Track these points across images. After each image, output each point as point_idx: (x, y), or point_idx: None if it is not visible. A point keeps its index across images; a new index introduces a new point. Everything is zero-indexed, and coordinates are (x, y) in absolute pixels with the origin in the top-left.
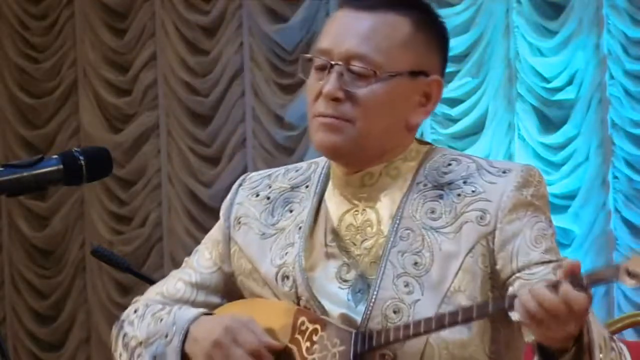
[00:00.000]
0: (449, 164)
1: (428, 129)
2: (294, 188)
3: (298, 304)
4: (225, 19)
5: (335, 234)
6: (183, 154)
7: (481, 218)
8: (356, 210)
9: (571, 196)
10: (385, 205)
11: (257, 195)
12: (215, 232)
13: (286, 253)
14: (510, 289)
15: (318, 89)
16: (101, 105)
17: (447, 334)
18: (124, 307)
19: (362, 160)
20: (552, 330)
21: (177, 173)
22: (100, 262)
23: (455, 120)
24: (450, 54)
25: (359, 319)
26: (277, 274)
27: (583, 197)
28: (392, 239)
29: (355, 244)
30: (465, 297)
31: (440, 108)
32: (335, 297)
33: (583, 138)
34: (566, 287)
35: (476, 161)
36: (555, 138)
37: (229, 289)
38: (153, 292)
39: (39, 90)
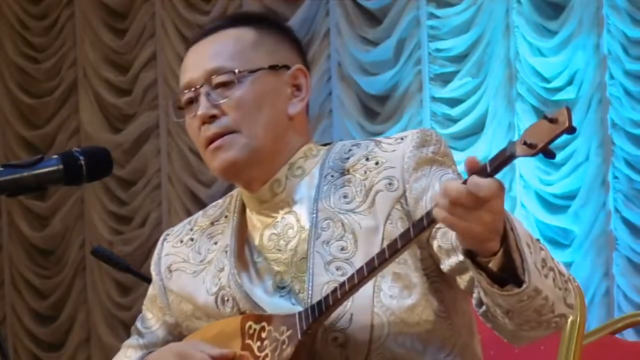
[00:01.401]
0: (350, 149)
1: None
2: (213, 223)
3: None
4: None
5: (260, 248)
6: (183, 154)
7: (389, 184)
8: (276, 221)
9: (571, 196)
10: (301, 204)
11: (182, 242)
12: (151, 290)
13: (219, 278)
14: (435, 243)
15: (195, 121)
16: (101, 105)
17: (390, 301)
18: (124, 307)
19: (263, 168)
20: (467, 221)
21: (177, 173)
22: (100, 262)
23: (455, 120)
24: (450, 54)
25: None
26: (215, 300)
27: (583, 197)
28: (313, 232)
29: (280, 250)
30: (395, 264)
31: (440, 108)
32: (280, 307)
33: (583, 138)
34: (472, 177)
35: (374, 139)
36: None
37: (178, 339)
38: None
39: (39, 90)
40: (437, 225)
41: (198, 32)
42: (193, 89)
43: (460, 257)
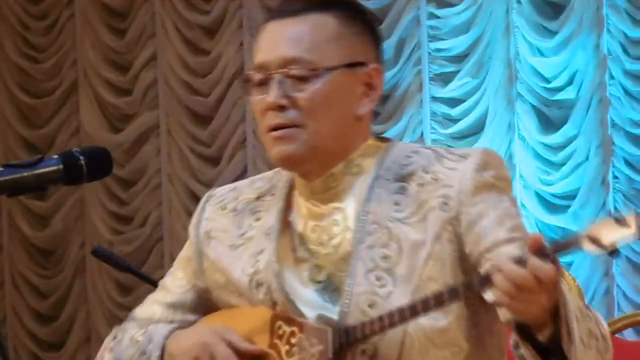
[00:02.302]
0: (409, 156)
1: (428, 129)
2: (259, 197)
3: (274, 309)
4: (225, 19)
5: (302, 238)
6: (183, 154)
7: (444, 204)
8: (323, 213)
9: (571, 196)
10: (351, 203)
11: (224, 209)
12: (186, 250)
13: (257, 260)
14: (482, 272)
15: (263, 104)
16: (101, 105)
17: (425, 321)
18: (124, 307)
19: (321, 163)
20: (526, 304)
21: (177, 173)
22: (100, 262)
23: (455, 120)
24: (450, 54)
25: (336, 317)
26: (250, 282)
27: (583, 197)
28: (359, 235)
29: (322, 244)
30: (437, 284)
31: (440, 108)
32: (311, 301)
33: (583, 138)
34: (533, 260)
35: (435, 150)
36: (555, 138)
37: (205, 305)
38: (131, 318)
39: (39, 90)
40: (487, 255)
41: (278, 9)
42: (266, 72)
43: None
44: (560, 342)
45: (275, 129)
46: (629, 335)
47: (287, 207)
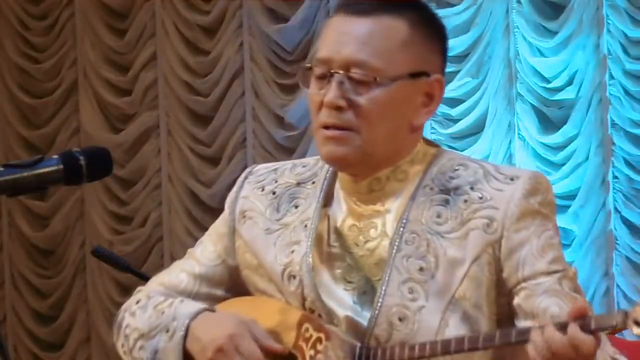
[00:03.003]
0: (456, 169)
1: (428, 129)
2: (300, 184)
3: (303, 304)
4: (225, 19)
5: (338, 234)
6: (183, 154)
7: (488, 226)
8: (361, 213)
9: (571, 196)
10: (391, 208)
11: (263, 190)
12: (220, 224)
13: (292, 251)
14: (516, 299)
15: (320, 99)
16: (101, 105)
17: (456, 356)
18: None
19: (370, 167)
20: None
21: (177, 173)
22: (100, 262)
23: (455, 120)
24: (450, 54)
25: (364, 322)
26: (283, 272)
27: (583, 197)
28: (397, 242)
29: (357, 245)
30: (469, 304)
31: (440, 108)
32: (341, 300)
33: (583, 138)
34: (574, 330)
35: (484, 167)
36: (555, 138)
37: (233, 282)
38: (155, 283)
39: (39, 90)
40: (523, 284)
41: (351, 2)
42: (328, 69)
43: (536, 323)
44: None
45: (328, 127)
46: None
47: (327, 199)
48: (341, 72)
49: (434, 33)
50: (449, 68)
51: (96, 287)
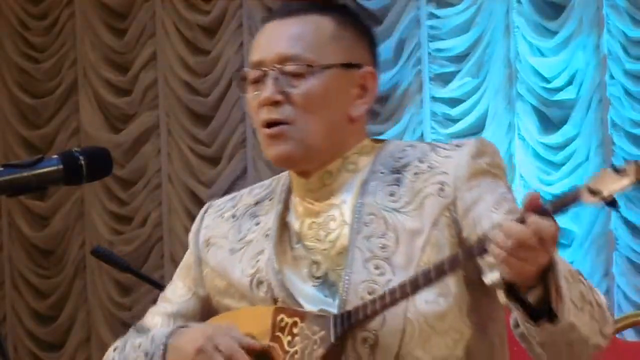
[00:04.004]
0: (404, 150)
1: (428, 129)
2: (258, 203)
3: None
4: (225, 19)
5: (299, 235)
6: (183, 154)
7: (441, 190)
8: (319, 210)
9: None
10: (346, 199)
11: (223, 217)
12: (186, 259)
13: (257, 261)
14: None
15: (258, 101)
16: (101, 105)
17: (425, 306)
18: (124, 307)
19: (316, 160)
20: (523, 263)
21: (177, 173)
22: (100, 262)
23: (455, 120)
24: (450, 54)
25: (333, 310)
26: (251, 281)
27: None
28: (355, 225)
29: (319, 240)
30: None
31: (440, 108)
32: (312, 296)
33: (583, 138)
34: (533, 217)
35: (430, 144)
36: (555, 138)
37: (206, 313)
38: (131, 331)
39: (39, 90)
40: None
41: (278, 10)
42: (263, 69)
43: None
44: (550, 302)
45: (269, 124)
46: (629, 335)
47: (286, 209)
48: (275, 68)
49: (360, 30)
50: (449, 68)
51: (96, 287)
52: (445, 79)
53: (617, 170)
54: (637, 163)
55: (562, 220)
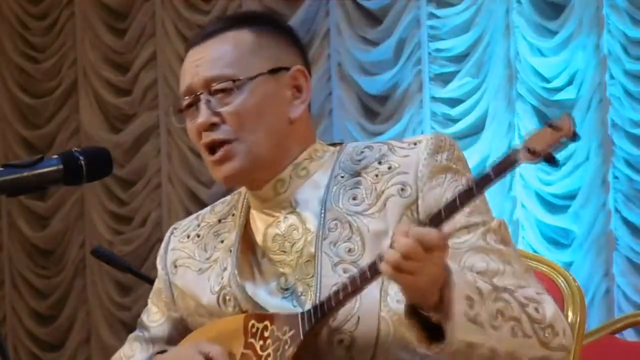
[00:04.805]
0: (362, 152)
1: (428, 129)
2: (221, 220)
3: None
4: None
5: (264, 250)
6: (183, 154)
7: (402, 190)
8: (278, 221)
9: (571, 196)
10: (305, 206)
11: (189, 237)
12: (156, 284)
13: (222, 277)
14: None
15: (196, 128)
16: (101, 105)
17: (397, 305)
18: (124, 307)
19: (265, 170)
20: (414, 276)
21: (177, 173)
22: (100, 262)
23: (455, 120)
24: (450, 54)
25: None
26: (217, 299)
27: (583, 197)
28: (320, 232)
29: (285, 251)
30: None
31: (440, 108)
32: (283, 308)
33: (583, 138)
34: (415, 228)
35: (387, 143)
36: None
37: (182, 334)
38: (113, 358)
39: (39, 90)
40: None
41: (196, 35)
42: (193, 95)
43: None
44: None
45: (211, 146)
46: (629, 335)
47: (247, 224)
48: (203, 91)
49: (281, 32)
50: (449, 68)
51: (96, 287)
52: (445, 79)
53: (552, 126)
54: (569, 115)
55: (562, 221)
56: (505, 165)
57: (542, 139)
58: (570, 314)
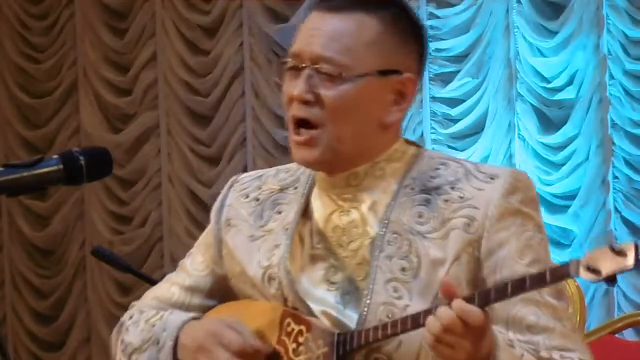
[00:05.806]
0: (437, 168)
1: (428, 129)
2: (283, 189)
3: (285, 305)
4: (225, 19)
5: (322, 235)
6: (183, 154)
7: (468, 225)
8: (341, 211)
9: (571, 196)
10: (370, 206)
11: (247, 197)
12: (207, 234)
13: (273, 254)
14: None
15: (291, 92)
16: (101, 105)
17: None
18: (124, 307)
19: (343, 164)
20: (452, 350)
21: (177, 173)
22: (100, 262)
23: (455, 120)
24: (450, 54)
25: (347, 322)
26: (263, 275)
27: (583, 197)
28: (379, 243)
29: (342, 246)
30: None
31: (440, 108)
32: (324, 300)
33: (583, 138)
34: (458, 302)
35: (464, 165)
36: (555, 138)
37: (223, 291)
38: (149, 297)
39: (39, 90)
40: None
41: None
42: (299, 63)
43: (510, 333)
44: None
45: (299, 121)
46: (629, 335)
47: (309, 202)
48: (309, 66)
49: (409, 31)
50: (449, 68)
51: (96, 287)
52: (445, 79)
53: (615, 250)
54: (636, 245)
55: (563, 221)
56: (562, 275)
57: (603, 260)
58: None
